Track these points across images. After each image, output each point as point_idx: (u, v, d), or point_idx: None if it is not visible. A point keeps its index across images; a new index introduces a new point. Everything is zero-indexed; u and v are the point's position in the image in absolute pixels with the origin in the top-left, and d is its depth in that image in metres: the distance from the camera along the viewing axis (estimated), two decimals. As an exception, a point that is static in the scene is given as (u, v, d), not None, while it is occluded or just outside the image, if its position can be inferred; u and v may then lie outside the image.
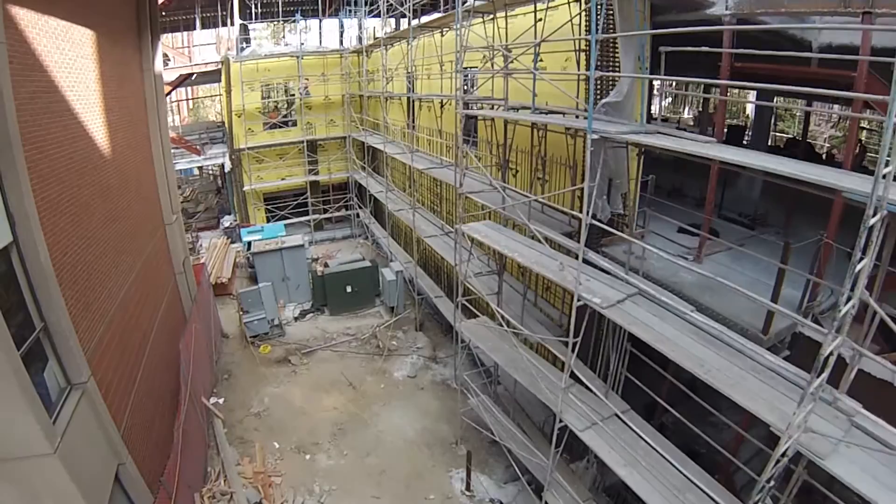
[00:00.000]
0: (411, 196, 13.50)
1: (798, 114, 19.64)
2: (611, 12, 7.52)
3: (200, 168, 24.62)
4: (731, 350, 5.22)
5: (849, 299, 3.40)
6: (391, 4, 14.39)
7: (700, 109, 20.96)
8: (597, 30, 6.53)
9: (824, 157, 15.44)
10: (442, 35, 12.89)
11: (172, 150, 19.82)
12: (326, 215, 21.27)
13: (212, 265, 16.15)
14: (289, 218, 20.40)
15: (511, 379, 8.91)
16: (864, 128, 15.21)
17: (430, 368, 12.45)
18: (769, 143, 13.31)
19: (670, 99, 25.78)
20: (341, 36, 22.30)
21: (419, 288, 13.82)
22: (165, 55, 19.50)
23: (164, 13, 21.35)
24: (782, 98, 14.05)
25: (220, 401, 11.66)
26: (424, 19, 19.39)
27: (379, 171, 18.56)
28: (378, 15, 16.95)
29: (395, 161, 15.35)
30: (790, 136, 18.64)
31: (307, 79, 19.93)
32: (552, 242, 7.43)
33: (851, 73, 6.13)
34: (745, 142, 13.87)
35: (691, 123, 20.94)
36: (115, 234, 8.56)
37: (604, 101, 7.24)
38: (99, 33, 8.52)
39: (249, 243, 15.77)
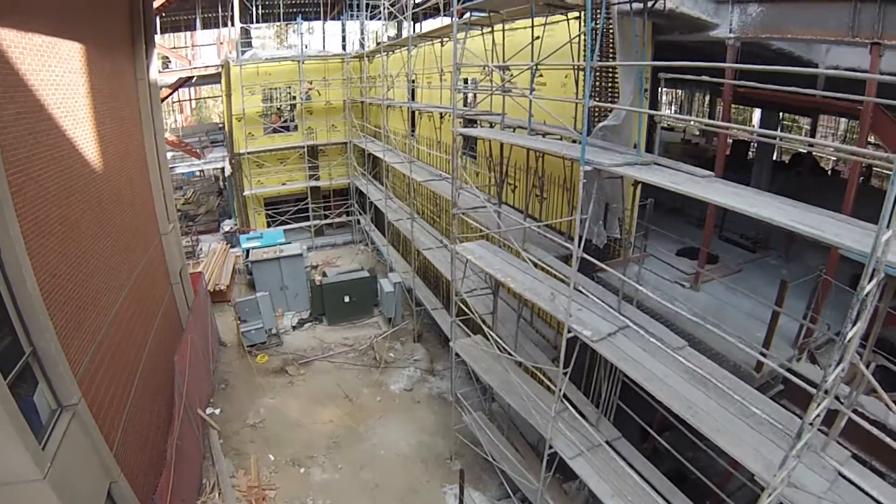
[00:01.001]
0: (411, 206, 13.41)
1: (805, 127, 19.41)
2: (611, 29, 7.38)
3: (202, 169, 24.60)
4: (721, 390, 5.12)
5: (840, 360, 3.29)
6: (391, 12, 14.28)
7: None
8: (595, 54, 6.41)
9: (829, 172, 15.23)
10: (442, 45, 12.75)
11: (171, 154, 19.88)
12: (327, 221, 21.23)
13: (210, 272, 16.15)
14: (289, 223, 20.41)
15: (505, 397, 8.85)
16: (870, 143, 15.03)
17: (426, 381, 12.41)
18: (774, 158, 13.11)
19: (676, 108, 25.49)
20: (343, 41, 22.17)
21: (417, 298, 13.75)
22: (166, 58, 19.47)
23: (164, 14, 21.31)
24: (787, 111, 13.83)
25: (217, 411, 11.67)
26: (428, 23, 19.30)
27: (379, 178, 18.48)
28: (381, 17, 16.87)
29: (396, 169, 15.29)
30: (796, 149, 18.40)
31: (310, 82, 19.82)
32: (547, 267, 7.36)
33: (857, 105, 6.00)
34: (749, 156, 13.68)
35: (697, 133, 20.74)
36: (108, 250, 8.52)
37: (601, 124, 7.13)
38: (89, 46, 8.42)
39: (248, 250, 15.75)
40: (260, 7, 23.44)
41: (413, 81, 15.25)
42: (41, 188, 6.43)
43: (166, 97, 20.93)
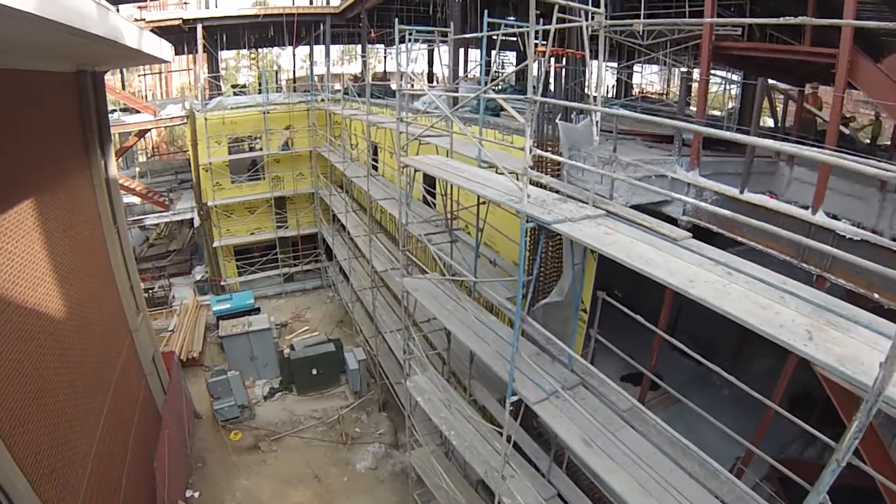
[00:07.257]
0: (372, 292, 13.89)
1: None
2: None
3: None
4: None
5: None
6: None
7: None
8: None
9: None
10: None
11: (139, 200, 19.84)
12: (296, 269, 21.62)
13: (182, 337, 16.58)
14: (257, 273, 20.73)
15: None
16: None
17: (391, 457, 13.22)
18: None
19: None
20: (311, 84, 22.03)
21: (381, 365, 14.30)
22: (134, 109, 19.25)
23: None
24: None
25: (196, 495, 12.28)
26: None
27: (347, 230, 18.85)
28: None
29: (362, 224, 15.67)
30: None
31: (287, 127, 19.74)
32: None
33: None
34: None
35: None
36: (82, 388, 8.43)
37: (544, 301, 7.62)
38: (39, 192, 7.86)
39: (218, 319, 16.24)
40: (224, 39, 23.14)
41: (375, 144, 15.54)
42: (14, 385, 6.38)
43: (132, 145, 20.81)
